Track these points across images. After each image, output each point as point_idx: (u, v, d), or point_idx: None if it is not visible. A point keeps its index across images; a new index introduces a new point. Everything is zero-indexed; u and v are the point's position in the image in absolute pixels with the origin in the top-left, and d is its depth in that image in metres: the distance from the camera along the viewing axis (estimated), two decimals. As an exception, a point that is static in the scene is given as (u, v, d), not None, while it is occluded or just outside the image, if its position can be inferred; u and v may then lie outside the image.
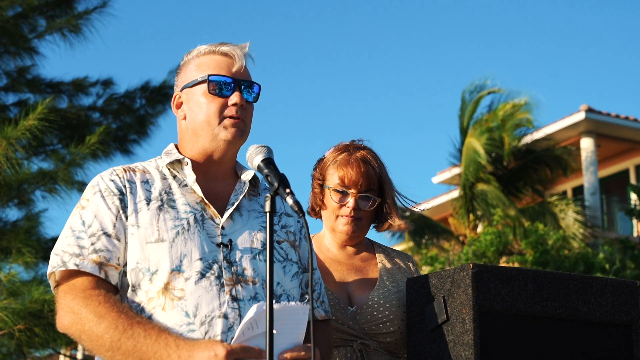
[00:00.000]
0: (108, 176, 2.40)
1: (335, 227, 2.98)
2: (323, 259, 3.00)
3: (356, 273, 2.99)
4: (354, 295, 2.92)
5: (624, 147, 20.95)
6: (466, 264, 2.59)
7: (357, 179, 2.94)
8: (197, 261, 2.30)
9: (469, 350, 2.51)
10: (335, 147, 3.04)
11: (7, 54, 9.72)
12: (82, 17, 9.79)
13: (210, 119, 2.41)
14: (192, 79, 2.46)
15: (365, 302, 2.88)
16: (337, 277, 2.96)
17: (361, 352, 2.81)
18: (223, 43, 2.49)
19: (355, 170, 2.94)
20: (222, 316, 2.26)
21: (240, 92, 2.42)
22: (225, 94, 2.42)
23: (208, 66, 2.44)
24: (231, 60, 2.45)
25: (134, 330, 2.19)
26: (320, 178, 3.00)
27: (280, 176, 2.26)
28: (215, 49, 2.47)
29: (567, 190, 21.41)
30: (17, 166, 7.47)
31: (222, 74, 2.42)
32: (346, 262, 3.01)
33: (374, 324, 2.84)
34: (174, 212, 2.36)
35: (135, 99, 10.47)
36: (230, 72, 2.43)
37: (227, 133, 2.40)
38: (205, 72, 2.43)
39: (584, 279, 2.73)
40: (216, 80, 2.42)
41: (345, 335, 2.83)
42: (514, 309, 2.59)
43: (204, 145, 2.43)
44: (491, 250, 14.35)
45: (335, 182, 2.96)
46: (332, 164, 2.98)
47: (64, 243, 2.33)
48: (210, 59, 2.46)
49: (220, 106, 2.41)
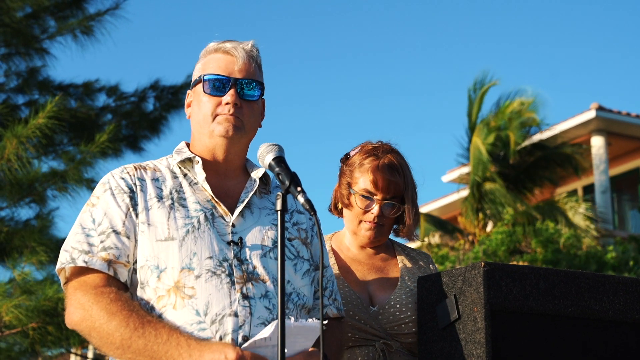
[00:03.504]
0: (119, 174, 2.41)
1: (357, 231, 2.96)
2: (344, 258, 2.99)
3: (377, 273, 2.97)
4: (375, 295, 2.91)
5: (634, 145, 20.85)
6: (477, 262, 2.58)
7: (383, 186, 2.90)
8: (207, 259, 2.30)
9: (480, 349, 2.50)
10: (362, 148, 2.99)
11: (18, 55, 9.75)
12: (94, 19, 9.82)
13: (206, 117, 2.43)
14: (195, 76, 2.50)
15: (387, 302, 2.86)
16: (358, 277, 2.94)
17: (383, 352, 2.80)
18: (228, 40, 2.49)
19: (382, 177, 2.90)
20: (233, 314, 2.26)
21: (235, 90, 2.42)
22: (220, 93, 2.43)
23: (208, 65, 2.46)
24: (232, 58, 2.45)
25: (145, 329, 2.19)
26: (349, 178, 2.96)
27: (292, 174, 2.26)
28: (219, 46, 2.48)
29: (578, 189, 21.33)
30: (28, 165, 7.50)
31: (218, 73, 2.43)
32: (367, 262, 2.99)
33: (395, 324, 2.83)
34: (184, 210, 2.36)
35: (146, 98, 10.49)
36: (229, 71, 2.44)
37: (220, 128, 2.41)
38: (204, 72, 2.46)
39: (596, 277, 2.72)
40: (211, 79, 2.43)
41: (367, 334, 2.82)
42: (526, 307, 2.58)
43: (206, 143, 2.45)
44: (502, 250, 14.32)
45: (362, 187, 2.92)
46: (359, 167, 2.94)
47: (73, 239, 2.33)
48: (213, 57, 2.48)
49: (215, 105, 2.43)
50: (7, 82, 9.96)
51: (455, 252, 16.04)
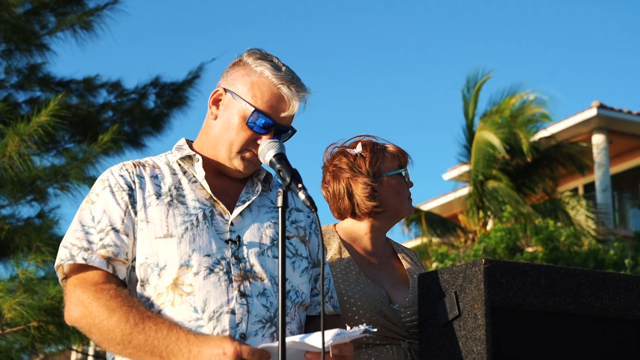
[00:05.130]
0: (118, 171, 2.40)
1: (404, 210, 3.01)
2: (358, 251, 2.97)
3: (387, 269, 2.97)
4: (391, 292, 2.90)
5: (635, 143, 20.86)
6: (478, 260, 2.57)
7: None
8: (205, 257, 2.30)
9: (480, 346, 2.50)
10: (363, 146, 2.99)
11: (19, 51, 9.74)
12: (93, 14, 9.80)
13: (234, 144, 2.40)
14: (241, 92, 2.41)
15: (407, 301, 2.87)
16: (374, 273, 2.93)
17: (410, 352, 2.80)
18: (290, 82, 2.40)
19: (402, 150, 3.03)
20: (230, 312, 2.26)
21: (273, 136, 2.40)
22: (260, 131, 2.40)
23: (262, 97, 2.39)
24: (286, 105, 2.40)
25: (145, 324, 2.19)
26: (375, 173, 2.95)
27: (293, 171, 2.25)
28: (278, 83, 2.39)
29: (579, 187, 21.33)
30: (29, 162, 7.50)
31: (269, 114, 2.39)
32: (378, 257, 2.99)
33: (416, 324, 2.83)
34: (183, 207, 2.36)
35: (146, 95, 10.48)
36: (277, 115, 2.40)
37: (240, 164, 2.41)
38: (256, 101, 2.39)
39: (597, 275, 2.71)
40: (260, 119, 2.39)
41: (392, 333, 2.81)
42: (526, 304, 2.58)
43: (218, 156, 2.44)
44: (501, 247, 14.31)
45: (394, 167, 2.99)
46: (383, 153, 2.99)
47: (73, 236, 2.33)
48: (269, 89, 2.40)
49: (249, 139, 2.40)
50: (8, 78, 9.96)
51: (455, 250, 16.03)
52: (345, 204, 2.96)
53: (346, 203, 2.96)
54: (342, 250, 2.94)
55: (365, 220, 2.98)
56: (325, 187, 3.02)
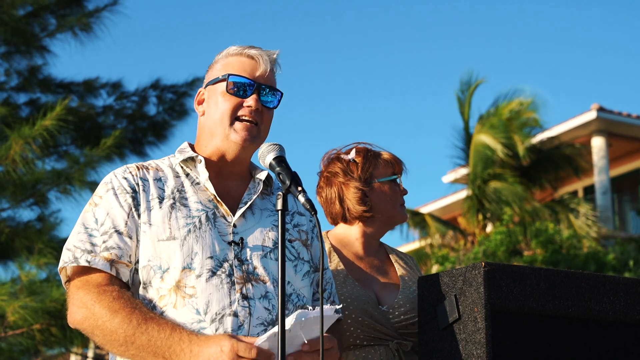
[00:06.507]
0: (121, 174, 2.41)
1: (396, 216, 3.02)
2: (347, 255, 2.98)
3: (378, 271, 2.98)
4: (381, 294, 2.91)
5: (635, 146, 20.85)
6: (478, 263, 2.58)
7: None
8: (208, 259, 2.31)
9: (480, 349, 2.50)
10: (357, 152, 3.01)
11: (19, 53, 9.75)
12: (92, 16, 9.81)
13: (224, 117, 2.42)
14: (215, 76, 2.47)
15: (396, 302, 2.88)
16: (363, 275, 2.95)
17: (398, 352, 2.81)
18: (253, 46, 2.49)
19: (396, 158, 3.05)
20: (233, 314, 2.26)
21: (258, 95, 2.42)
22: (242, 95, 2.42)
23: (232, 66, 2.46)
24: (256, 63, 2.45)
25: (147, 325, 2.20)
26: (366, 178, 2.97)
27: (292, 174, 2.26)
28: (243, 51, 2.48)
29: (578, 190, 21.32)
30: (32, 165, 7.50)
31: (243, 75, 2.43)
32: (368, 260, 3.00)
33: (406, 325, 2.85)
34: (186, 210, 2.36)
35: (147, 98, 10.48)
36: (253, 75, 2.44)
37: (237, 136, 2.41)
38: (228, 72, 2.44)
39: (597, 278, 2.72)
40: (236, 80, 2.42)
41: (381, 334, 2.83)
42: (526, 307, 2.58)
43: (217, 144, 2.44)
44: (501, 250, 14.30)
45: (387, 174, 3.00)
46: (376, 159, 2.99)
47: (76, 239, 2.34)
48: (237, 60, 2.47)
49: (235, 106, 2.42)
50: (8, 80, 9.97)
51: (455, 252, 16.02)
52: (336, 208, 2.99)
53: (337, 207, 2.99)
54: (332, 255, 2.96)
55: (356, 225, 3.00)
56: (319, 193, 3.05)
